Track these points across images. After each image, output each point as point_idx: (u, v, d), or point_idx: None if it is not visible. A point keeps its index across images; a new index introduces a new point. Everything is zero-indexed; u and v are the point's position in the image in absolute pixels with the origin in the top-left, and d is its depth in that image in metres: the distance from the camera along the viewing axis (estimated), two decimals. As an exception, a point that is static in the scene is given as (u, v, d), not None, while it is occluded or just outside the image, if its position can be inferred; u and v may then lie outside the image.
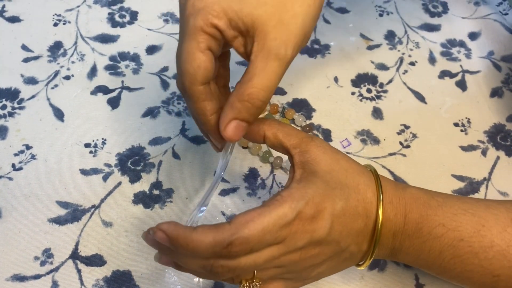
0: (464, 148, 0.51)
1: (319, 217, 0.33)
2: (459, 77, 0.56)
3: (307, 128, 0.50)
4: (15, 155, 0.48)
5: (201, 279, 0.42)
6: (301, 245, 0.33)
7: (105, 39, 0.56)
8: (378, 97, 0.54)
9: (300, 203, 0.32)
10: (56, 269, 0.42)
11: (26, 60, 0.54)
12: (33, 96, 0.52)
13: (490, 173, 0.49)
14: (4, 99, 0.51)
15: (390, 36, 0.59)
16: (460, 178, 0.49)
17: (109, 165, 0.48)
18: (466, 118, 0.53)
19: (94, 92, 0.52)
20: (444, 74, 0.56)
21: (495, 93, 0.55)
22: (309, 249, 0.33)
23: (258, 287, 0.34)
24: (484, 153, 0.50)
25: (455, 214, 0.36)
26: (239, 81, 0.35)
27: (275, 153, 0.48)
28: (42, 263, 0.42)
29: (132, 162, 0.48)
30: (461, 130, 0.52)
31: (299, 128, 0.50)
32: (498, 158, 0.50)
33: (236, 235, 0.30)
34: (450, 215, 0.36)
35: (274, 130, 0.37)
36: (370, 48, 0.58)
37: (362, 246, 0.36)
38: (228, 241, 0.30)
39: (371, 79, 0.55)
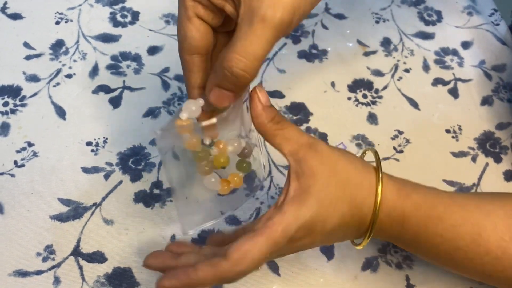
0: (455, 154, 0.53)
1: (307, 236, 0.34)
2: (451, 85, 0.58)
3: None
4: (17, 152, 0.48)
5: None
6: (286, 254, 0.36)
7: (106, 38, 0.57)
8: (373, 102, 0.55)
9: (292, 228, 0.32)
10: (58, 265, 0.43)
11: (28, 57, 0.55)
12: (35, 94, 0.52)
13: (479, 179, 0.51)
14: (6, 96, 0.52)
15: (386, 43, 0.60)
16: (451, 183, 0.50)
17: (110, 164, 0.49)
18: (457, 125, 0.55)
19: (95, 91, 0.53)
20: (437, 81, 0.58)
21: (486, 101, 0.57)
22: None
23: None
24: (474, 159, 0.52)
25: (454, 226, 0.36)
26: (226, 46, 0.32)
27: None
28: (44, 259, 0.43)
29: (133, 161, 0.49)
30: (453, 137, 0.54)
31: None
32: (487, 164, 0.52)
33: (234, 272, 0.31)
34: (449, 226, 0.36)
35: (273, 131, 0.35)
36: (366, 54, 0.59)
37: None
38: (229, 278, 0.32)
39: (367, 85, 0.57)
